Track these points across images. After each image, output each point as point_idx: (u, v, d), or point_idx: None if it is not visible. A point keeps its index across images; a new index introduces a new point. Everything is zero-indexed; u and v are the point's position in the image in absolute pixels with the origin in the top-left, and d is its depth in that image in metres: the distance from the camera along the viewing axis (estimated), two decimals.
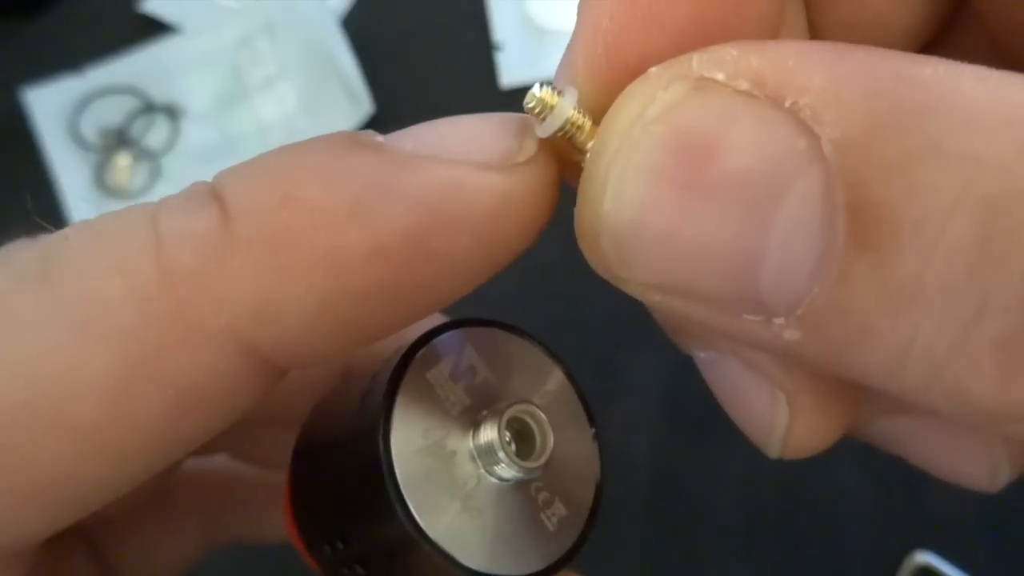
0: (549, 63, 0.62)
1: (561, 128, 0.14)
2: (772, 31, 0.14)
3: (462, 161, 0.13)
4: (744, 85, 0.12)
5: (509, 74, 0.62)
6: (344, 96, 0.62)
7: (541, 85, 0.14)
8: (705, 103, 0.12)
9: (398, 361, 0.15)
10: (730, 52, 0.12)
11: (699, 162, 0.12)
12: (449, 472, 0.15)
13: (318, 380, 0.21)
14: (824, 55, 0.12)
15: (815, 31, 0.18)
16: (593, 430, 0.17)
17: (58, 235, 0.13)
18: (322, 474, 0.17)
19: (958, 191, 0.11)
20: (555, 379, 0.17)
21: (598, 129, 0.13)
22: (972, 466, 0.18)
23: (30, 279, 0.13)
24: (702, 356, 0.17)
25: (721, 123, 0.12)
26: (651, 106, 0.12)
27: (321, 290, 0.13)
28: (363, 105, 0.61)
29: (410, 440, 0.15)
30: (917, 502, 0.48)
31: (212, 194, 0.13)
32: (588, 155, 0.13)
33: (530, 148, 0.14)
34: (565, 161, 0.14)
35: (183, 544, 0.24)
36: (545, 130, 0.14)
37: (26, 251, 0.13)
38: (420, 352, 0.16)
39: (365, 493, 0.15)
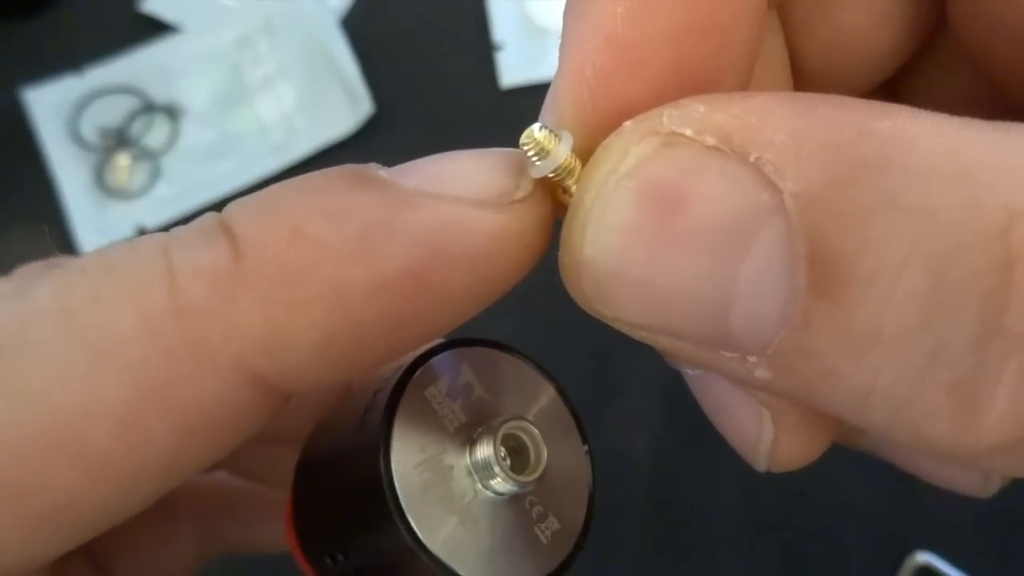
0: (549, 63, 0.62)
1: (553, 172, 0.14)
2: (749, 72, 0.15)
3: (461, 199, 0.14)
4: (711, 140, 0.12)
5: (509, 74, 0.62)
6: (344, 96, 0.62)
7: (540, 127, 0.14)
8: (674, 158, 0.12)
9: (398, 379, 0.16)
10: (698, 108, 0.13)
11: (669, 214, 0.12)
12: (447, 486, 0.15)
13: (318, 400, 0.21)
14: (787, 110, 0.12)
15: (795, 56, 0.18)
16: (586, 447, 0.18)
17: (74, 265, 0.14)
18: (324, 488, 0.18)
19: (911, 244, 0.11)
20: (547, 396, 0.18)
21: (578, 181, 0.14)
22: (964, 473, 0.18)
23: (47, 311, 0.13)
24: (690, 373, 0.18)
25: (689, 177, 0.12)
26: (624, 161, 0.13)
27: (326, 323, 0.13)
28: (363, 105, 0.61)
29: (409, 455, 0.15)
30: (917, 502, 0.48)
31: (222, 227, 0.14)
32: (570, 202, 0.14)
33: (527, 186, 0.14)
34: (554, 199, 0.15)
35: (181, 554, 0.24)
36: (538, 171, 0.14)
37: (43, 282, 0.14)
38: (419, 371, 0.16)
39: (366, 506, 0.15)
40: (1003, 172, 0.11)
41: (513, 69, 0.62)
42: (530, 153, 0.14)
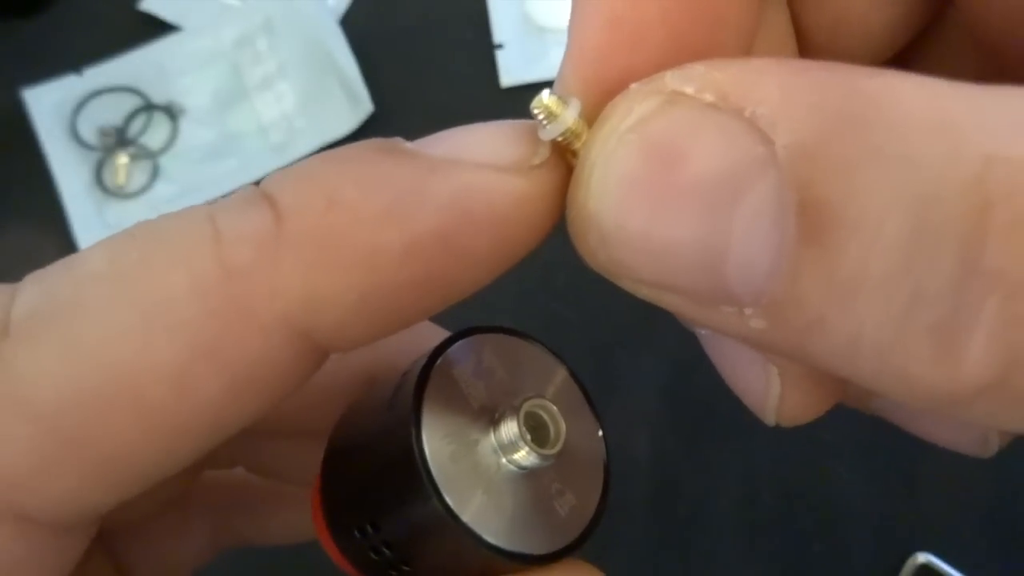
0: (549, 62, 0.62)
1: (561, 135, 0.15)
2: (744, 48, 0.16)
3: (484, 165, 0.14)
4: (710, 97, 0.13)
5: (509, 74, 0.62)
6: (344, 95, 0.62)
7: (548, 94, 0.15)
8: (674, 114, 0.13)
9: (428, 357, 0.17)
10: (698, 69, 0.13)
11: (668, 168, 0.13)
12: (473, 459, 0.16)
13: (338, 393, 0.22)
14: (782, 71, 0.13)
15: (801, 31, 0.18)
16: (600, 431, 0.19)
17: (124, 234, 0.15)
18: (353, 465, 0.19)
19: (893, 191, 0.11)
20: (561, 378, 0.19)
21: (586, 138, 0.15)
22: (964, 434, 0.19)
23: (101, 275, 0.14)
24: (702, 332, 0.18)
25: (688, 132, 0.13)
26: (628, 118, 0.14)
27: (362, 284, 0.14)
28: (363, 105, 0.61)
29: (438, 426, 0.16)
30: (917, 502, 0.48)
31: (263, 197, 0.14)
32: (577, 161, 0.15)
33: (544, 152, 0.15)
34: (567, 166, 0.16)
35: (194, 545, 0.25)
36: (546, 135, 0.15)
37: (94, 250, 0.15)
38: (447, 351, 0.17)
39: (397, 476, 0.16)
40: (982, 120, 0.11)
41: (513, 69, 0.62)
42: (540, 117, 0.15)
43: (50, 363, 0.14)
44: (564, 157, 0.15)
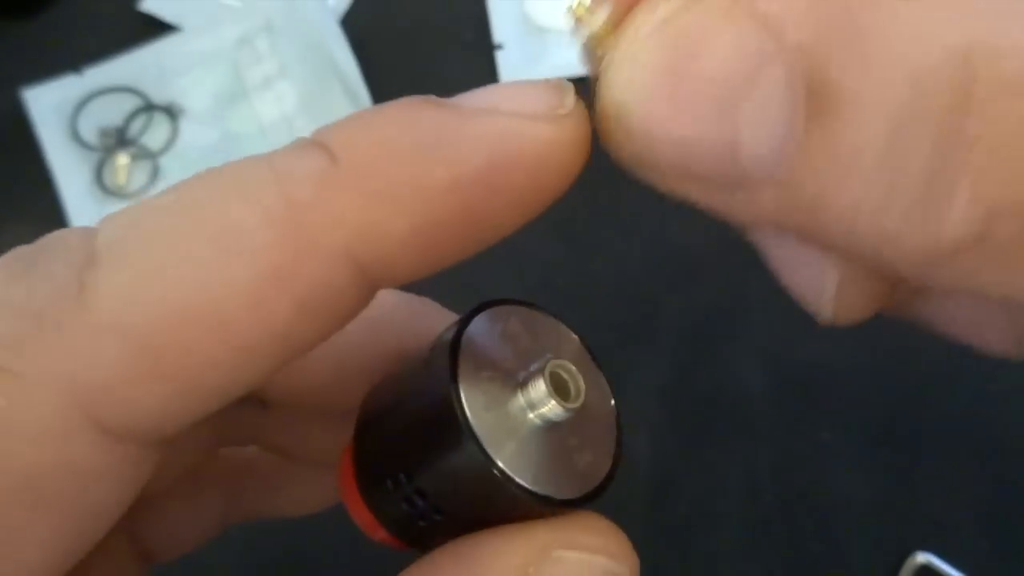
0: (549, 62, 0.62)
1: (592, 35, 0.16)
2: None
3: (519, 113, 0.16)
4: (726, 0, 0.14)
5: (509, 74, 0.62)
6: (344, 96, 0.62)
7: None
8: (693, 15, 0.15)
9: (461, 319, 0.18)
10: None
11: (686, 63, 0.14)
12: (504, 412, 0.18)
13: (361, 374, 0.23)
14: None
15: None
16: (611, 395, 0.20)
17: (191, 177, 0.16)
18: (389, 420, 0.20)
19: (890, 67, 0.13)
20: (575, 346, 0.21)
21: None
22: (999, 335, 0.20)
23: (171, 210, 0.16)
24: (761, 238, 0.20)
25: (704, 31, 0.14)
26: (652, 18, 0.15)
27: (410, 216, 0.15)
28: (363, 105, 0.61)
29: (472, 381, 0.18)
30: (917, 502, 0.48)
31: (315, 143, 0.16)
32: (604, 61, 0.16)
33: (569, 103, 0.17)
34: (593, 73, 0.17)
35: (206, 520, 0.26)
36: (579, 34, 0.16)
37: (167, 191, 0.16)
38: (476, 318, 0.19)
39: (435, 425, 0.17)
40: (973, 6, 0.13)
41: (513, 69, 0.62)
42: (574, 20, 0.16)
43: (135, 286, 0.15)
44: (595, 59, 0.17)
